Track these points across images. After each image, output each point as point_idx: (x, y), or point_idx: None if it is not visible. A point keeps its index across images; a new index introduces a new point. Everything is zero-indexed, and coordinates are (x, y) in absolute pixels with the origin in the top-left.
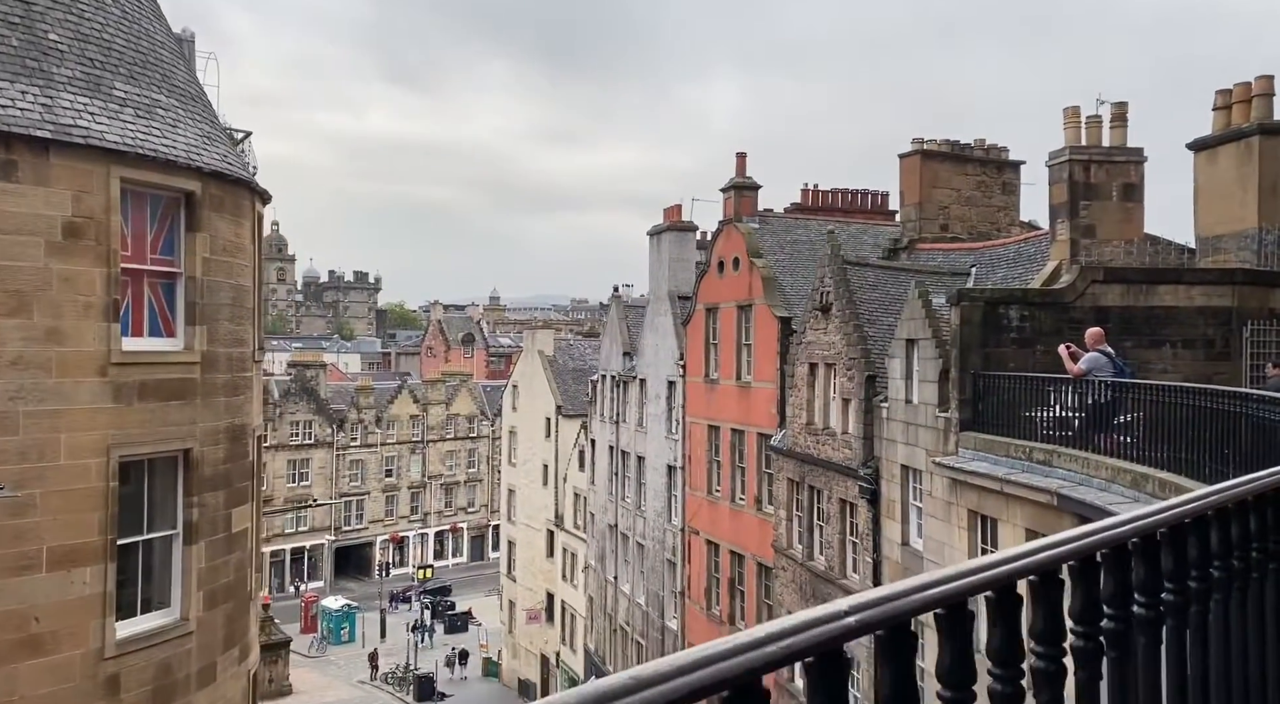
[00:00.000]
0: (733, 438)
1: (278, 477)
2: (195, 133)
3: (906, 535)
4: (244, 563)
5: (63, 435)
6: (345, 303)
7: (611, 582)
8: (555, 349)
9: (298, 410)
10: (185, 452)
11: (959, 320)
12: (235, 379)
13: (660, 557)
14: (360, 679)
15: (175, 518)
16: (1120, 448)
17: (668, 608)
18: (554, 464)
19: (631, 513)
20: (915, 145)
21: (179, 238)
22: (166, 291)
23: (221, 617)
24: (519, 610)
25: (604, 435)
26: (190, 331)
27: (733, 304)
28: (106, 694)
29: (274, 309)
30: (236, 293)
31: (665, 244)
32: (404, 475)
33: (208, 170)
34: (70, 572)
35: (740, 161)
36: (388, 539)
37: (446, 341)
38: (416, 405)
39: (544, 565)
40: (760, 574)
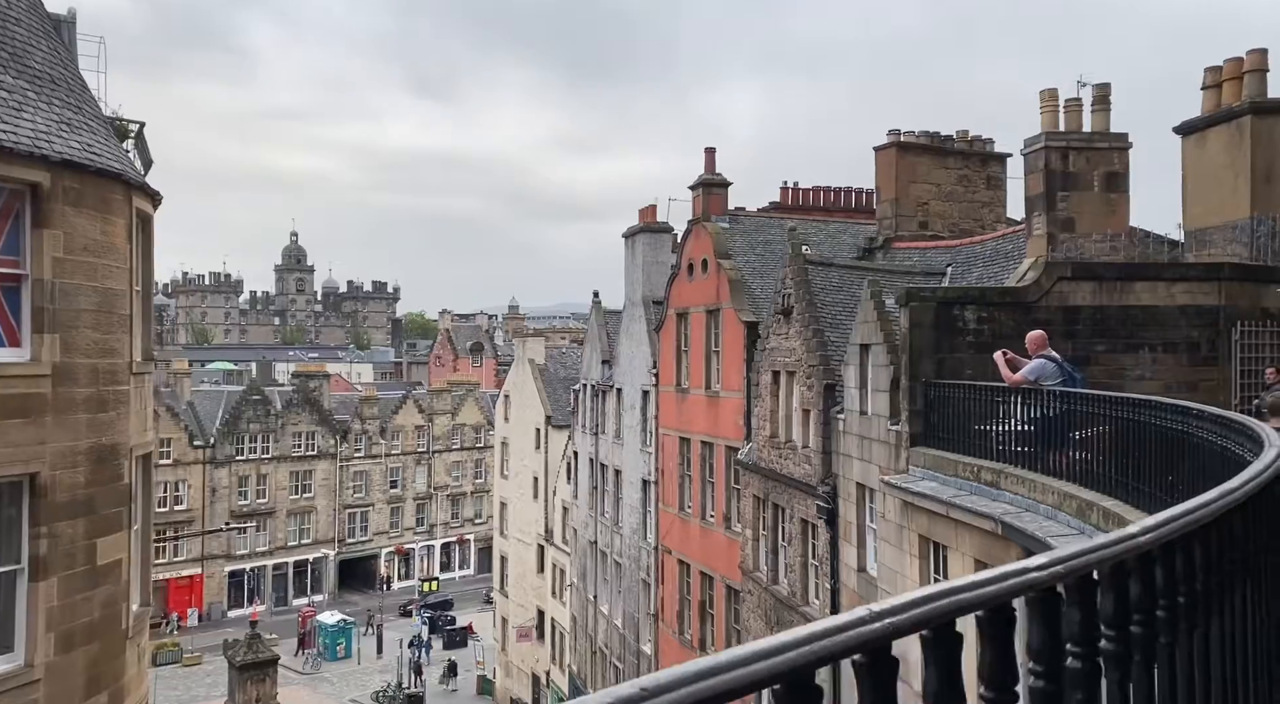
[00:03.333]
0: (702, 450)
1: (280, 488)
2: (49, 119)
3: (863, 560)
4: (115, 599)
5: None
6: (364, 313)
7: (592, 601)
8: (547, 357)
9: (300, 421)
10: (31, 476)
11: (908, 323)
12: (102, 393)
13: (636, 576)
14: (353, 698)
15: (19, 551)
16: (1074, 468)
17: (643, 631)
18: (543, 477)
19: (610, 529)
20: (891, 137)
21: (24, 236)
22: (9, 296)
23: (82, 660)
24: (511, 627)
25: (585, 447)
26: (38, 341)
27: (702, 309)
28: None
29: (293, 320)
30: (104, 297)
31: (639, 246)
32: (409, 486)
33: (57, 159)
34: None
35: (709, 157)
36: (393, 551)
37: (455, 351)
38: (422, 415)
39: (535, 581)
40: (729, 597)
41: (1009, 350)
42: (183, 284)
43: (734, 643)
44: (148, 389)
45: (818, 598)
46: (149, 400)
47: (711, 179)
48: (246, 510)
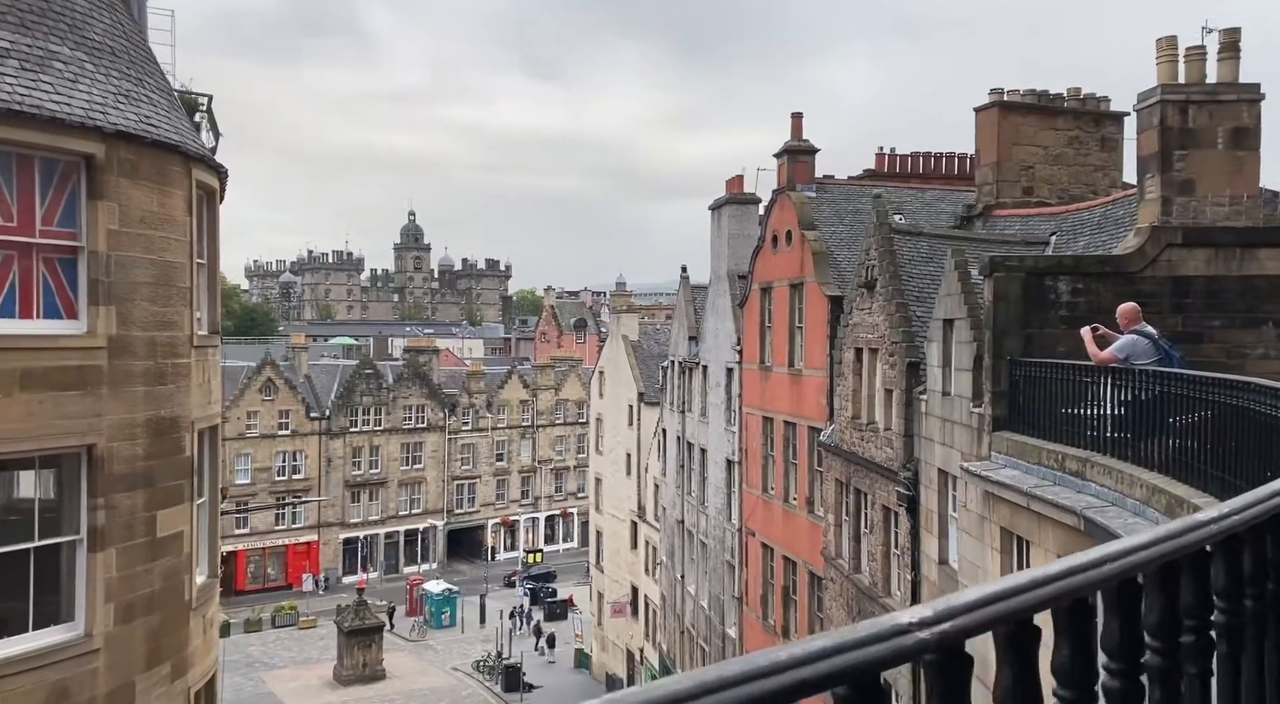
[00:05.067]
0: (785, 431)
1: (392, 459)
2: (106, 90)
3: (945, 552)
4: (177, 570)
5: None
6: (477, 290)
7: (679, 580)
8: (641, 334)
9: (410, 395)
10: (88, 448)
11: (992, 296)
12: (160, 366)
13: (720, 558)
14: (455, 665)
15: (78, 522)
16: (1168, 458)
17: (727, 613)
18: (636, 453)
19: (696, 509)
20: (993, 97)
21: (80, 208)
22: (67, 268)
23: (142, 631)
24: (606, 603)
25: (673, 425)
26: (94, 313)
27: (785, 282)
28: None
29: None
30: (162, 270)
31: (725, 219)
32: (514, 460)
33: (111, 131)
34: None
35: (796, 123)
36: (499, 523)
37: (559, 327)
38: (526, 390)
39: (629, 557)
40: (812, 584)
41: (1101, 325)
42: (308, 262)
43: (817, 632)
44: (211, 362)
45: (899, 590)
46: (214, 373)
47: (797, 146)
48: (360, 480)
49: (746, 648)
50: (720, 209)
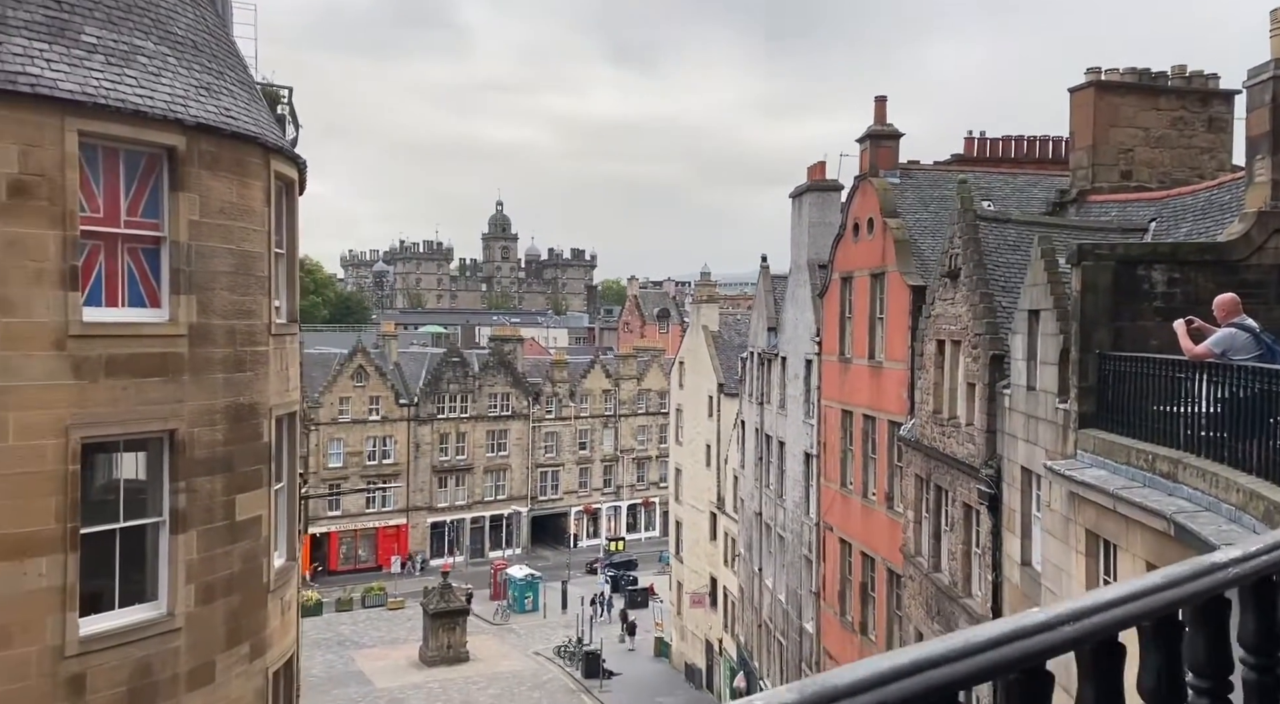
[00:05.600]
0: (865, 425)
1: (477, 446)
2: (187, 83)
3: (1028, 553)
4: (256, 553)
5: (11, 414)
6: (563, 279)
7: (757, 573)
8: (722, 324)
9: (495, 383)
10: (170, 432)
11: (1080, 285)
12: (239, 353)
13: (798, 552)
14: (536, 650)
15: (161, 505)
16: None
17: (805, 608)
18: (715, 445)
19: (774, 502)
20: (1090, 76)
21: (162, 199)
22: (150, 258)
23: (222, 611)
24: (685, 593)
25: (751, 416)
26: (176, 302)
27: (866, 272)
28: (69, 695)
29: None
30: (241, 259)
31: (806, 207)
32: (597, 448)
33: (191, 123)
34: (23, 562)
35: (879, 107)
36: (581, 510)
37: (642, 317)
38: (608, 380)
39: (708, 548)
40: (890, 581)
41: (1196, 318)
42: (400, 252)
43: (895, 630)
44: (290, 350)
45: (980, 590)
46: (292, 361)
47: (880, 131)
48: (447, 466)
49: (824, 644)
50: (801, 197)
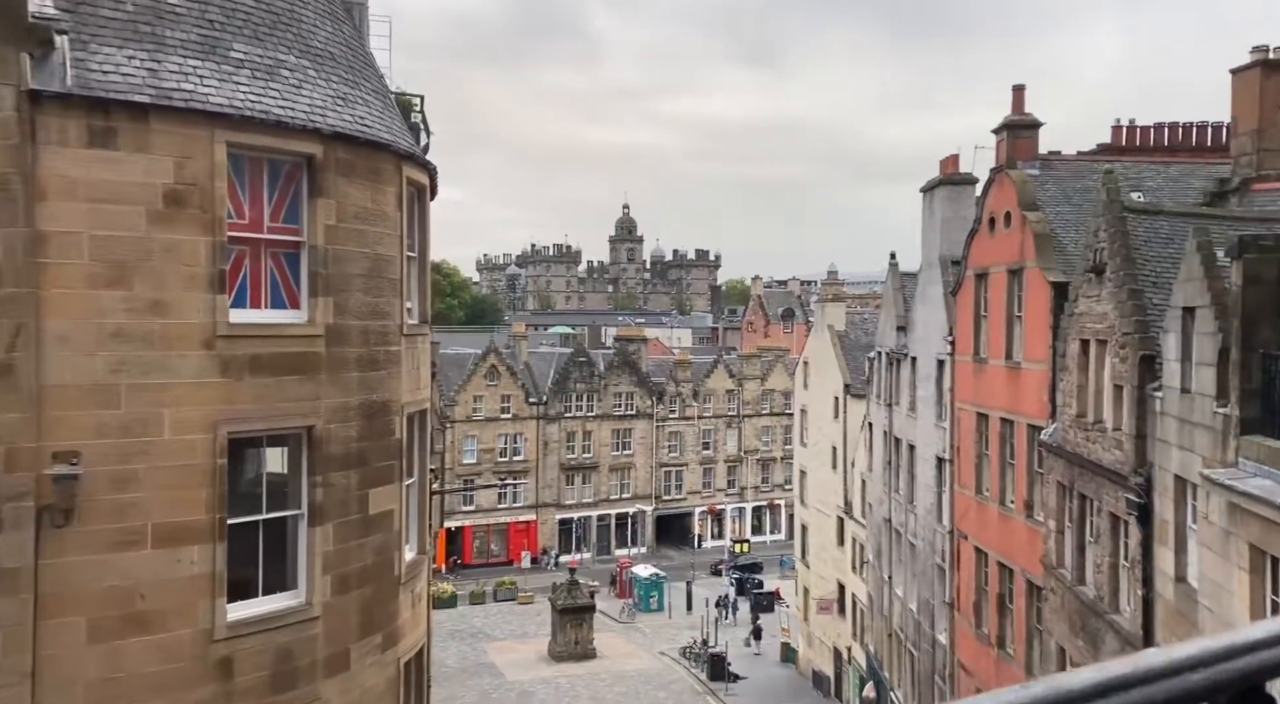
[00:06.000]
0: (1002, 429)
1: (603, 445)
2: (325, 94)
3: (1182, 569)
4: (388, 546)
5: (166, 410)
6: (687, 280)
7: (887, 581)
8: (849, 323)
9: (620, 382)
10: (308, 429)
11: (1241, 279)
12: (373, 353)
13: (930, 560)
14: (662, 650)
15: (300, 498)
16: None
17: (938, 619)
18: (842, 447)
19: (904, 507)
20: (1256, 55)
21: (302, 205)
22: (290, 262)
23: (357, 602)
24: (811, 598)
25: (879, 419)
26: (314, 304)
27: (1003, 268)
28: (218, 676)
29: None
30: (374, 263)
31: (938, 201)
32: (720, 449)
33: (329, 132)
34: (177, 550)
35: (1017, 96)
36: (706, 511)
37: (766, 316)
38: (732, 380)
39: (835, 553)
40: (1030, 593)
41: None
42: (531, 256)
43: (1034, 645)
44: (421, 350)
45: (1129, 605)
46: (423, 361)
47: (1019, 120)
48: (574, 464)
49: (959, 657)
50: (932, 191)
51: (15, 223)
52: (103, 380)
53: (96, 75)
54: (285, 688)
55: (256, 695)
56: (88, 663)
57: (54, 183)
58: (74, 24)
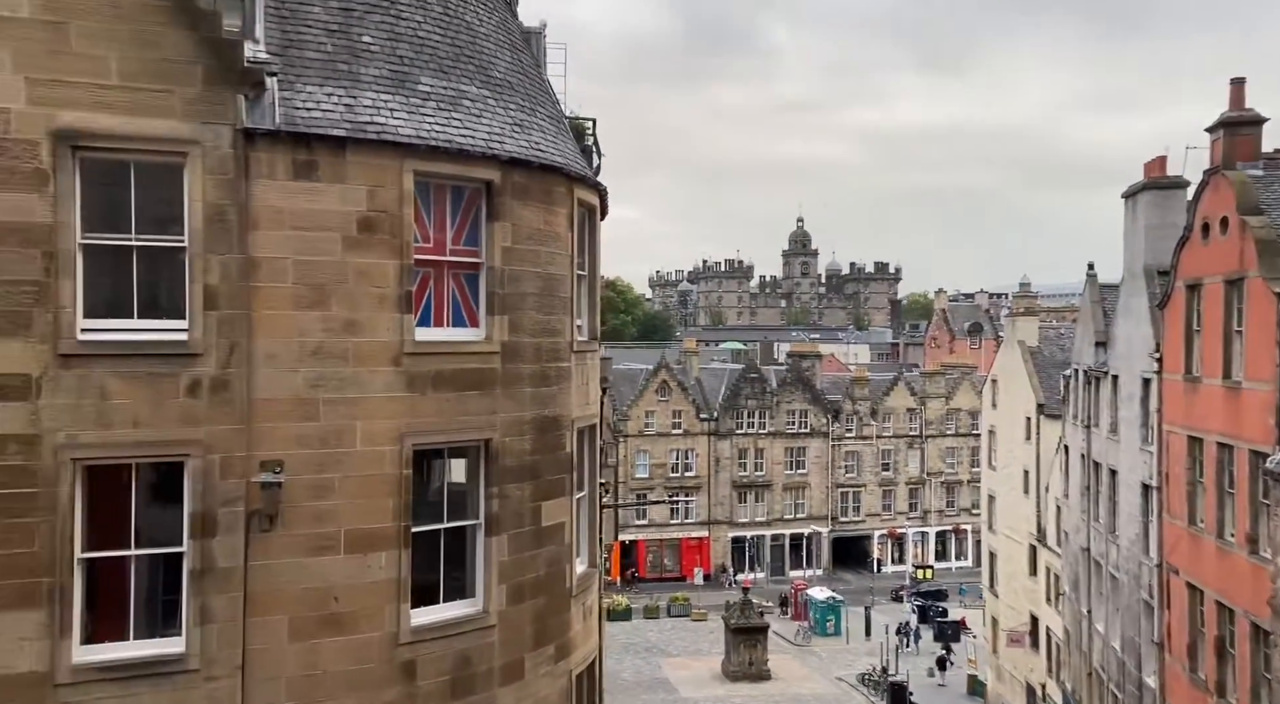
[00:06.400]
0: (1219, 454)
1: (775, 463)
2: (503, 121)
3: None
4: (559, 558)
5: (359, 423)
6: (865, 294)
7: (1085, 615)
8: (1042, 339)
9: (793, 400)
10: (485, 442)
11: None
12: (545, 369)
13: (1135, 595)
14: (838, 675)
15: (477, 508)
16: None
17: (1145, 660)
18: (1034, 470)
19: (1104, 537)
20: None
21: (481, 228)
22: (470, 283)
23: (530, 613)
24: (1001, 629)
25: (1076, 441)
26: (491, 322)
27: (1219, 278)
28: (403, 679)
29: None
30: (546, 282)
31: (1142, 207)
32: (901, 470)
33: (506, 158)
34: (367, 555)
35: (1235, 91)
36: (885, 534)
37: (951, 332)
38: (914, 398)
39: (1026, 583)
40: (1255, 638)
41: None
42: (702, 271)
43: (1262, 696)
44: (590, 366)
45: None
46: (592, 377)
47: (1238, 117)
48: (746, 482)
49: (1171, 702)
50: (1136, 196)
51: (231, 250)
52: (303, 395)
53: (301, 112)
54: (464, 693)
55: (439, 699)
56: (289, 659)
57: (264, 213)
58: (282, 66)
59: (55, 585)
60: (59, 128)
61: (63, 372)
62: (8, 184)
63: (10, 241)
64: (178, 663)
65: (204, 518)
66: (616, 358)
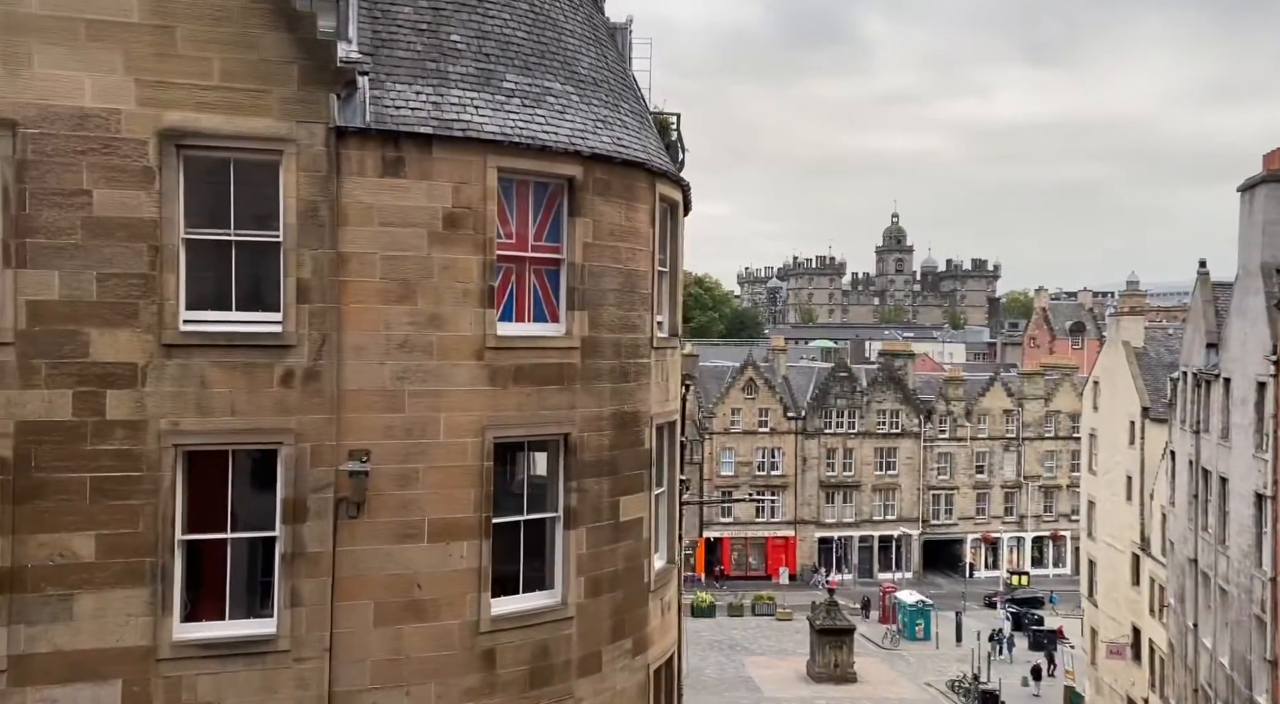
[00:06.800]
0: None
1: (865, 463)
2: (586, 117)
3: None
4: (638, 553)
5: (442, 415)
6: (961, 292)
7: (1192, 629)
8: (1148, 340)
9: (884, 399)
10: (564, 436)
11: None
12: (624, 365)
13: (1246, 609)
14: (927, 681)
15: (556, 502)
16: None
17: (1256, 678)
18: (1138, 476)
19: (1212, 548)
20: None
21: (562, 224)
22: (552, 278)
23: (608, 606)
24: (1100, 641)
25: (1184, 447)
26: (571, 317)
27: None
28: (483, 667)
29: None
30: (626, 278)
31: (1260, 201)
32: (996, 473)
33: (588, 154)
34: (448, 544)
35: None
36: (979, 538)
37: (1051, 331)
38: (1010, 400)
39: (1128, 593)
40: None
41: None
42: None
43: None
44: (671, 362)
45: None
46: (673, 373)
47: None
48: (834, 482)
49: None
50: (1254, 190)
51: (323, 245)
52: (389, 386)
53: (390, 110)
54: (542, 683)
55: (517, 689)
56: (374, 643)
57: (353, 209)
58: (373, 65)
59: (158, 565)
60: (165, 127)
61: (166, 361)
62: (117, 181)
63: (119, 236)
64: (269, 643)
65: (295, 504)
66: (703, 355)
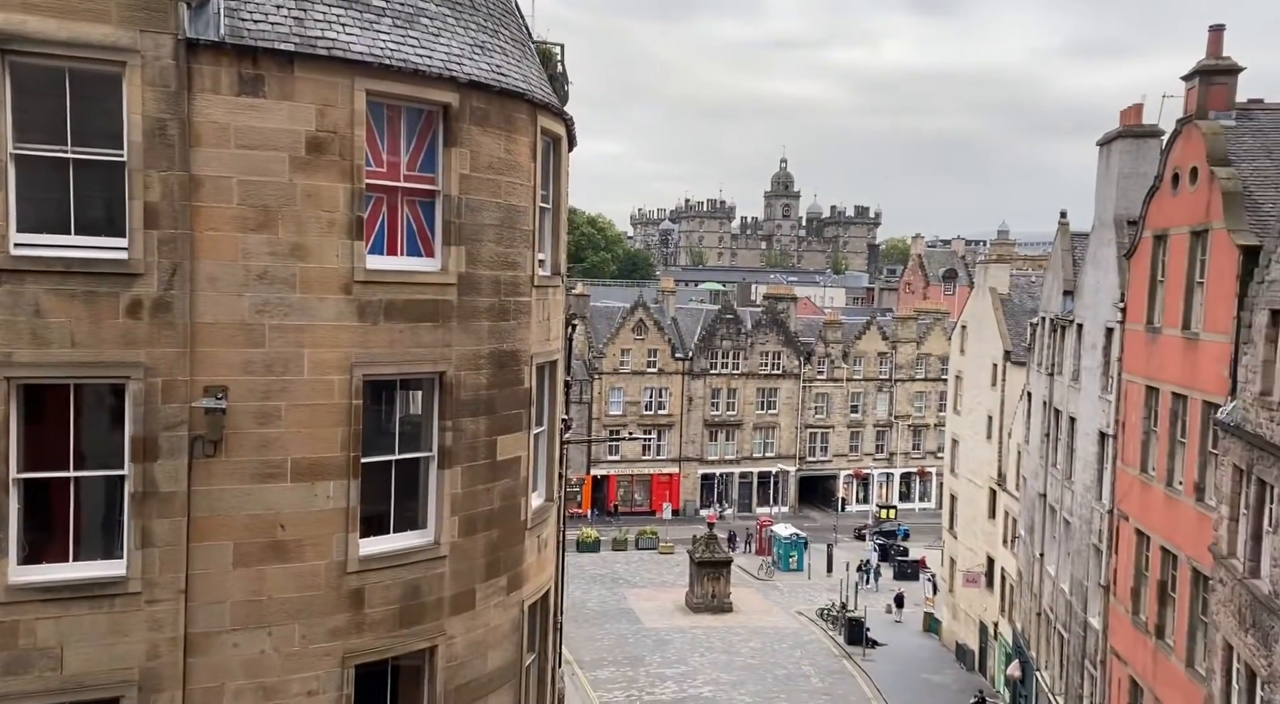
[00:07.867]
0: (1173, 404)
1: (747, 403)
2: (463, 42)
3: None
4: (515, 492)
5: (306, 350)
6: (845, 238)
7: (1038, 558)
8: (1013, 287)
9: (767, 341)
10: (439, 375)
11: None
12: (504, 303)
13: (1086, 539)
14: (799, 610)
15: (430, 441)
16: None
17: (1091, 601)
18: (999, 416)
19: (1060, 483)
20: None
21: (437, 154)
22: (426, 211)
23: (482, 544)
24: (958, 570)
25: (1039, 388)
26: (447, 252)
27: (1185, 229)
28: (351, 606)
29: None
30: (506, 213)
31: (1115, 156)
32: (869, 413)
33: (464, 80)
34: (314, 484)
35: (1213, 39)
36: (851, 474)
37: (925, 277)
38: (885, 342)
39: (985, 526)
40: (1195, 582)
41: None
42: (684, 210)
43: (1197, 638)
44: (553, 301)
45: None
46: (555, 312)
47: (1213, 65)
48: (717, 421)
49: (1112, 643)
50: (1110, 145)
51: (173, 167)
52: (248, 320)
53: (248, 24)
54: (413, 621)
55: (386, 627)
56: (233, 585)
57: (207, 129)
58: None
59: None
60: None
61: None
62: None
63: None
64: (119, 585)
65: (145, 441)
66: (595, 295)
